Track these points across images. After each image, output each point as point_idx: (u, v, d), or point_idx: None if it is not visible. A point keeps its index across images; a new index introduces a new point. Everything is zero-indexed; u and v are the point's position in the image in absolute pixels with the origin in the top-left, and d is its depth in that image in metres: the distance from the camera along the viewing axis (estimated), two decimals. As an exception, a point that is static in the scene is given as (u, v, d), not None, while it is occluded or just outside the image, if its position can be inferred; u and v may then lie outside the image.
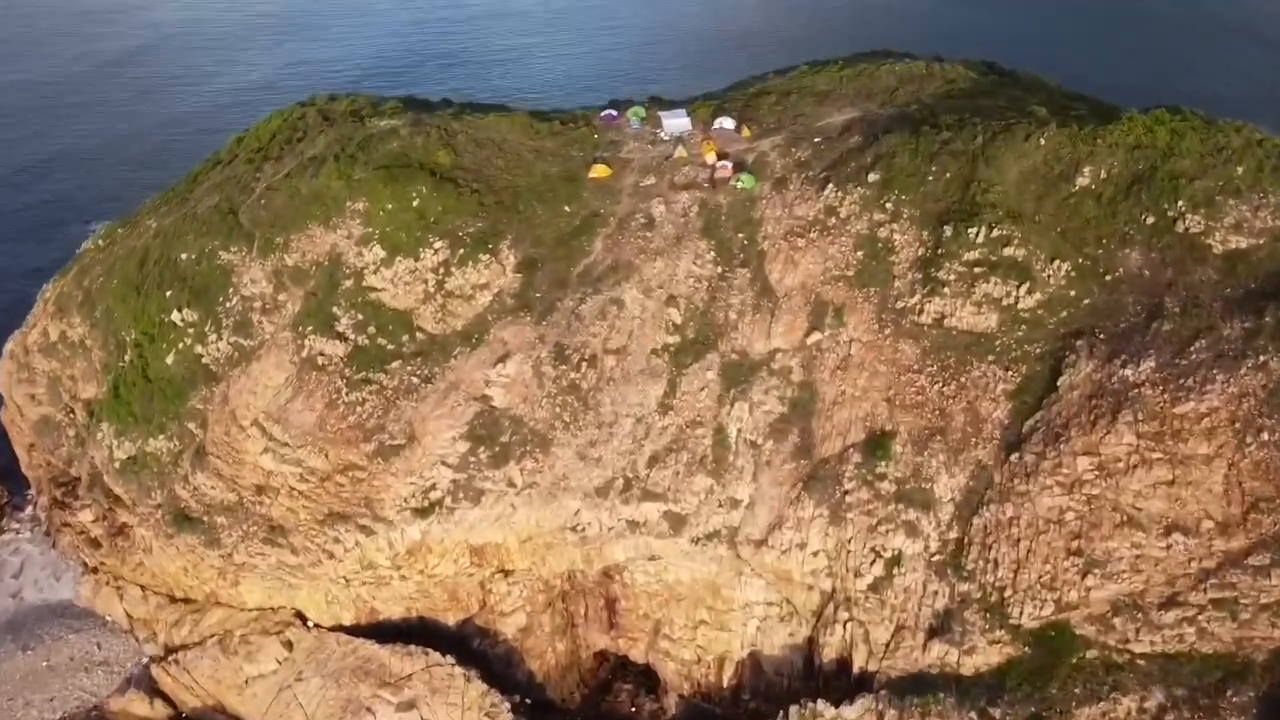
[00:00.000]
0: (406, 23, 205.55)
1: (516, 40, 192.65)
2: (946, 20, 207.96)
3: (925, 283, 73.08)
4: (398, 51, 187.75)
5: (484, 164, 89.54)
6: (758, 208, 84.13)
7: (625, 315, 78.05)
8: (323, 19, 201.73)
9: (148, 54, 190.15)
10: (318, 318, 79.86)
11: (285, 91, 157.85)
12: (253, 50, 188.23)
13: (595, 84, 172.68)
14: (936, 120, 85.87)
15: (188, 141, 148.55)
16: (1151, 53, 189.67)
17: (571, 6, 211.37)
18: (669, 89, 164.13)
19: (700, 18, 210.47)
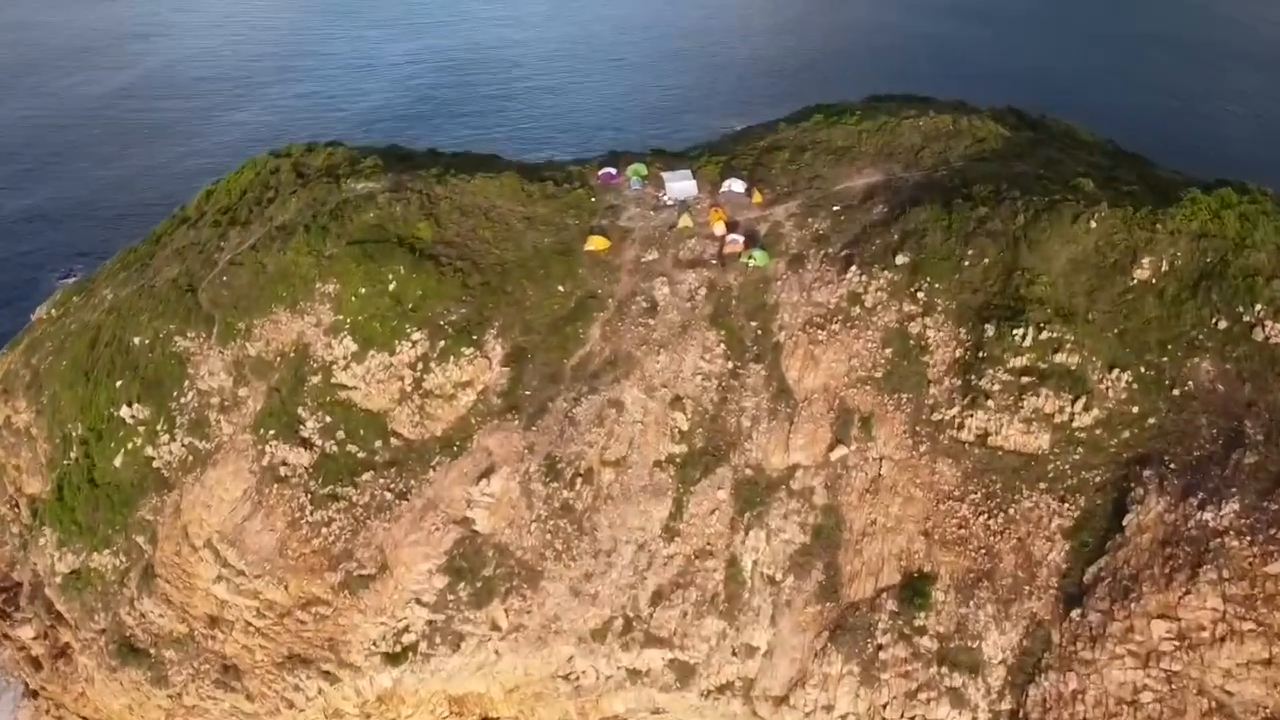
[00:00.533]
0: (404, 58, 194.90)
1: (518, 74, 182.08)
2: (945, 39, 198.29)
3: (965, 392, 63.61)
4: (395, 91, 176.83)
5: (469, 236, 79.98)
6: (772, 290, 74.62)
7: (625, 420, 68.59)
8: (319, 60, 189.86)
9: (138, 93, 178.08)
10: (281, 419, 70.41)
11: (284, 132, 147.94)
12: (249, 91, 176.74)
13: (598, 115, 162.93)
14: (969, 190, 76.32)
15: (176, 184, 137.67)
16: (1149, 73, 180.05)
17: (573, 37, 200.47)
18: (667, 125, 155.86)
19: (696, 44, 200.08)
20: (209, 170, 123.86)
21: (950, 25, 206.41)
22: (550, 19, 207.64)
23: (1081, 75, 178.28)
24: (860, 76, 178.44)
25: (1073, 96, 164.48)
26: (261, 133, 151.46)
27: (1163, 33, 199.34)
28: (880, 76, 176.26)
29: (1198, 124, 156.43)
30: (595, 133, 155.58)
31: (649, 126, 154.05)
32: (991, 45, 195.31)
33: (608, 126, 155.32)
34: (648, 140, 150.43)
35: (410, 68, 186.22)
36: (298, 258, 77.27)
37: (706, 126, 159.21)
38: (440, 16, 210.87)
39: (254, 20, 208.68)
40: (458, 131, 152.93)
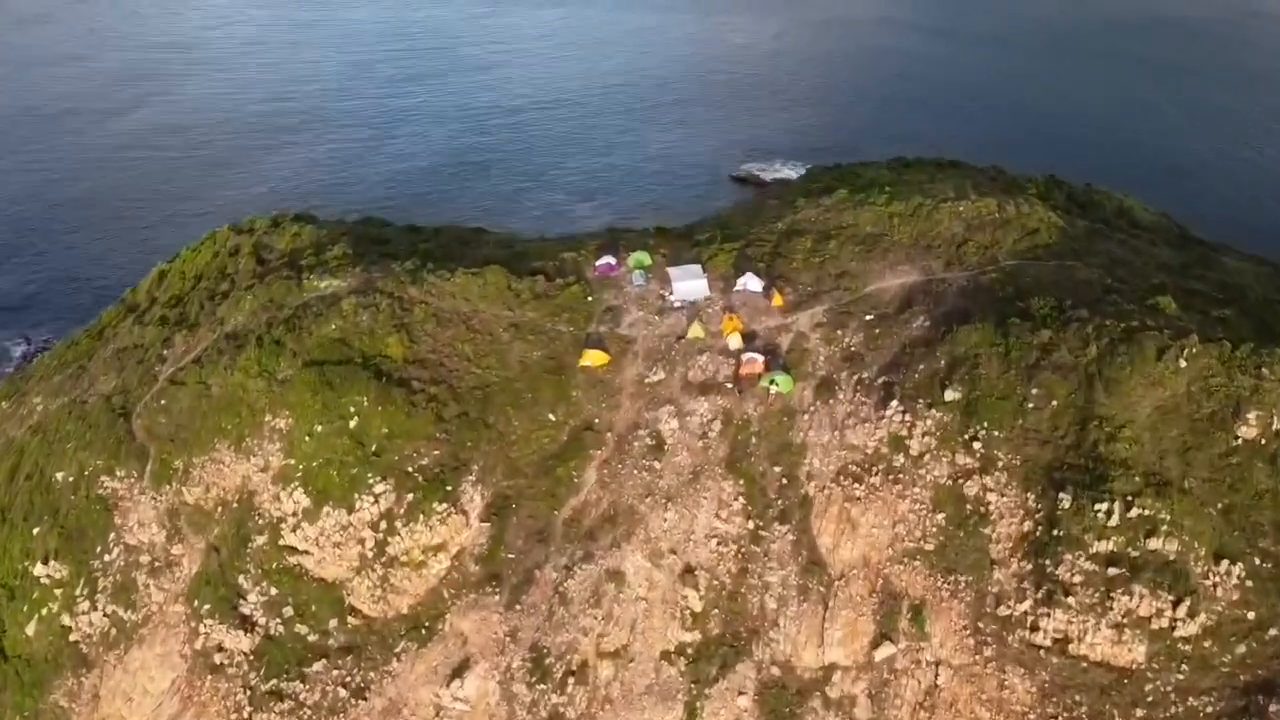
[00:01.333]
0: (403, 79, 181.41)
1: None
2: (948, 64, 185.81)
3: (1038, 581, 51.69)
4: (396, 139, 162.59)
5: (446, 351, 67.87)
6: (798, 426, 62.64)
7: (626, 596, 56.67)
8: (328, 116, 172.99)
9: (137, 142, 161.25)
10: (218, 590, 58.44)
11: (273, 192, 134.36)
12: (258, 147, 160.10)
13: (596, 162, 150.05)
14: (1027, 305, 64.36)
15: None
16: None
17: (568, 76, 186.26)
18: (671, 175, 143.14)
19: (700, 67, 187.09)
20: (191, 224, 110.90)
21: (953, 48, 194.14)
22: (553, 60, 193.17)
23: (1099, 103, 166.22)
24: (870, 106, 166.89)
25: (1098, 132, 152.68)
26: (251, 192, 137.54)
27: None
28: (891, 106, 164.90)
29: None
30: (594, 178, 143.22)
31: (648, 180, 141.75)
32: (1002, 69, 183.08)
33: (604, 181, 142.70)
34: (647, 190, 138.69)
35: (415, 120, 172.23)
36: (246, 380, 65.27)
37: (712, 170, 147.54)
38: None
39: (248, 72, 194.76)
40: (457, 191, 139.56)
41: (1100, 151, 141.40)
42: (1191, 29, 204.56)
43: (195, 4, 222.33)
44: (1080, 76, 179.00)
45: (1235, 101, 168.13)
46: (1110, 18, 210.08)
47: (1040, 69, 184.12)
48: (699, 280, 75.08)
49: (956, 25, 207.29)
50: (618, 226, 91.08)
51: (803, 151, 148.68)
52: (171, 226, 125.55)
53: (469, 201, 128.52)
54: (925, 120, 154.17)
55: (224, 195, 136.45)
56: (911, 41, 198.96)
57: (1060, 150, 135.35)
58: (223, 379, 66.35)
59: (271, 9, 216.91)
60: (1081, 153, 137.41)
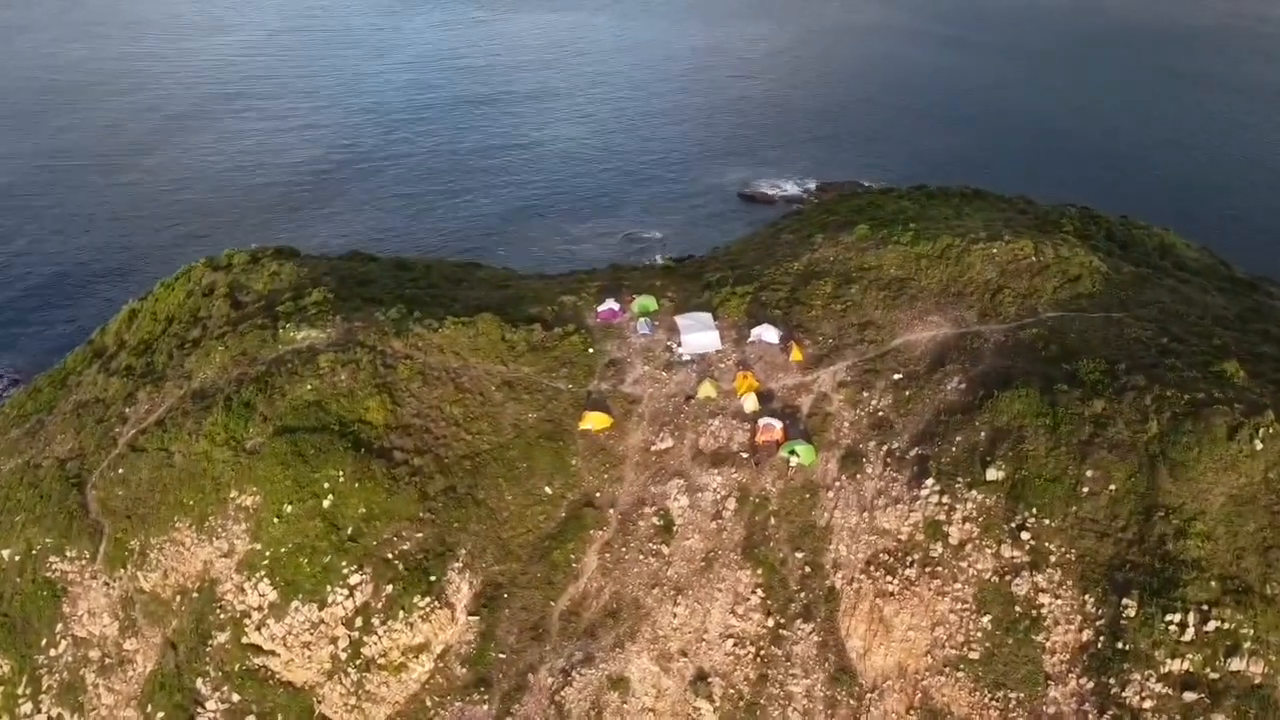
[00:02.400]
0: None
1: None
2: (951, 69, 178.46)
3: (1101, 704, 44.72)
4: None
5: (432, 415, 61.02)
6: (822, 504, 55.80)
7: (632, 708, 49.89)
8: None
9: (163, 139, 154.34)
10: (173, 696, 51.68)
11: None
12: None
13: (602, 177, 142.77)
14: (1073, 367, 57.42)
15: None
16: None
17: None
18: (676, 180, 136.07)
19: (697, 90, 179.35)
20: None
21: (962, 58, 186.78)
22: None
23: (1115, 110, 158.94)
24: (880, 118, 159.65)
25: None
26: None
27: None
28: (902, 118, 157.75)
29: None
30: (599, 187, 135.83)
31: (654, 195, 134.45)
32: (1012, 78, 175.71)
33: (611, 195, 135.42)
34: (654, 205, 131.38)
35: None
36: (211, 449, 58.47)
37: (718, 188, 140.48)
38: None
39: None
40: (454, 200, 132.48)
41: (1119, 163, 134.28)
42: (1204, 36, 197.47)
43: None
44: (1093, 82, 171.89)
45: (1250, 112, 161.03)
46: (1123, 24, 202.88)
47: (1051, 77, 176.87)
48: (710, 332, 68.06)
49: (965, 34, 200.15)
50: (621, 264, 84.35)
51: (812, 168, 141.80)
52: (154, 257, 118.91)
53: (468, 217, 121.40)
54: (936, 132, 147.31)
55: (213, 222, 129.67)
56: (921, 51, 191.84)
57: (1078, 159, 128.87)
58: (186, 446, 59.55)
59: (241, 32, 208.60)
60: (1101, 161, 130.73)
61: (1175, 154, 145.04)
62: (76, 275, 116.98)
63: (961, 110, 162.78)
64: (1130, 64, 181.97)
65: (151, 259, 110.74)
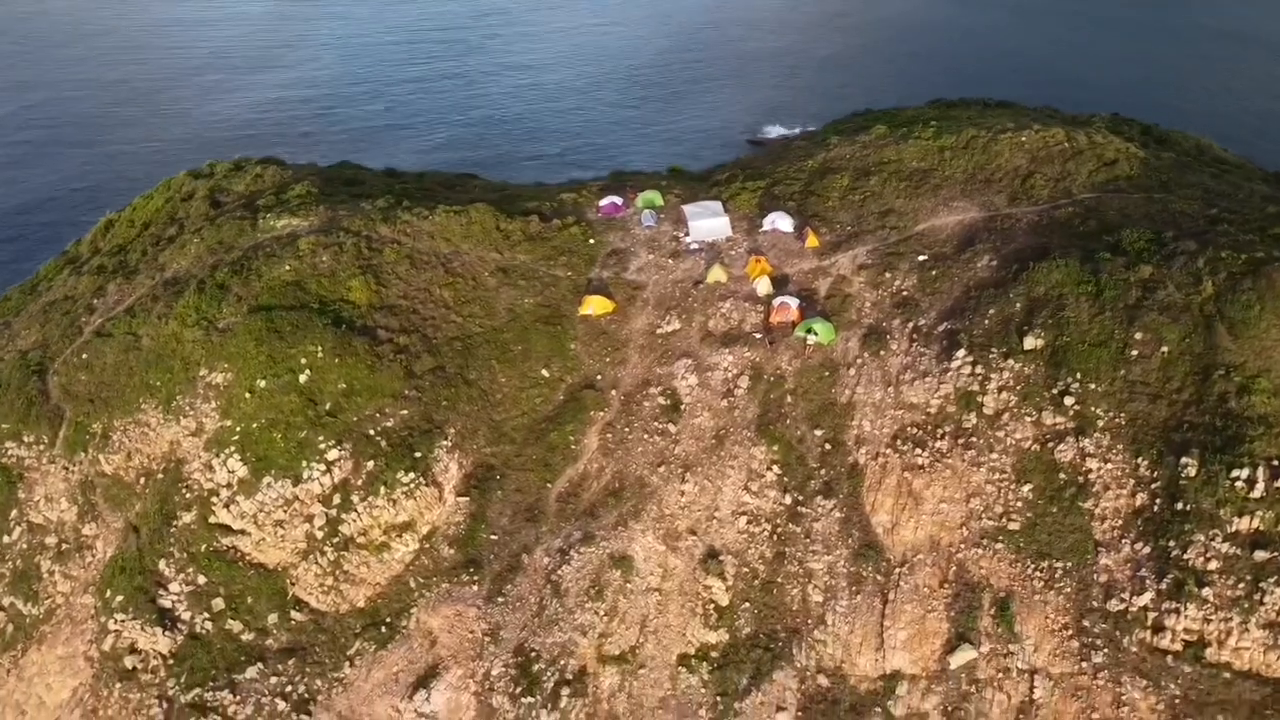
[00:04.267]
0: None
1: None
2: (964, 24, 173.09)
3: (1160, 568, 39.91)
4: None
5: (420, 297, 56.38)
6: (842, 382, 51.06)
7: (635, 587, 45.11)
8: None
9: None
10: (134, 579, 46.99)
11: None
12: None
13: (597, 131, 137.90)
14: (1116, 238, 52.65)
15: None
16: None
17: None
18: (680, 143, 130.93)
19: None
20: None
21: (989, 17, 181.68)
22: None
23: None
24: (893, 66, 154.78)
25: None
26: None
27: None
28: (914, 63, 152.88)
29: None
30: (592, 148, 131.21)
31: (658, 143, 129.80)
32: (1023, 35, 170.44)
33: (613, 143, 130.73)
34: (659, 154, 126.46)
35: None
36: (181, 329, 53.87)
37: (725, 135, 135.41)
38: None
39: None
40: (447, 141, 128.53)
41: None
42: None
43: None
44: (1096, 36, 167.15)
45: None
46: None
47: (1070, 29, 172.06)
48: (719, 218, 63.50)
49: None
50: (624, 170, 79.63)
51: (821, 112, 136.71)
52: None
53: (461, 157, 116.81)
54: (945, 73, 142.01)
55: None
56: (930, 7, 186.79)
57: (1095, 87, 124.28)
58: (155, 329, 55.01)
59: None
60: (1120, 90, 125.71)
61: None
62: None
63: (975, 54, 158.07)
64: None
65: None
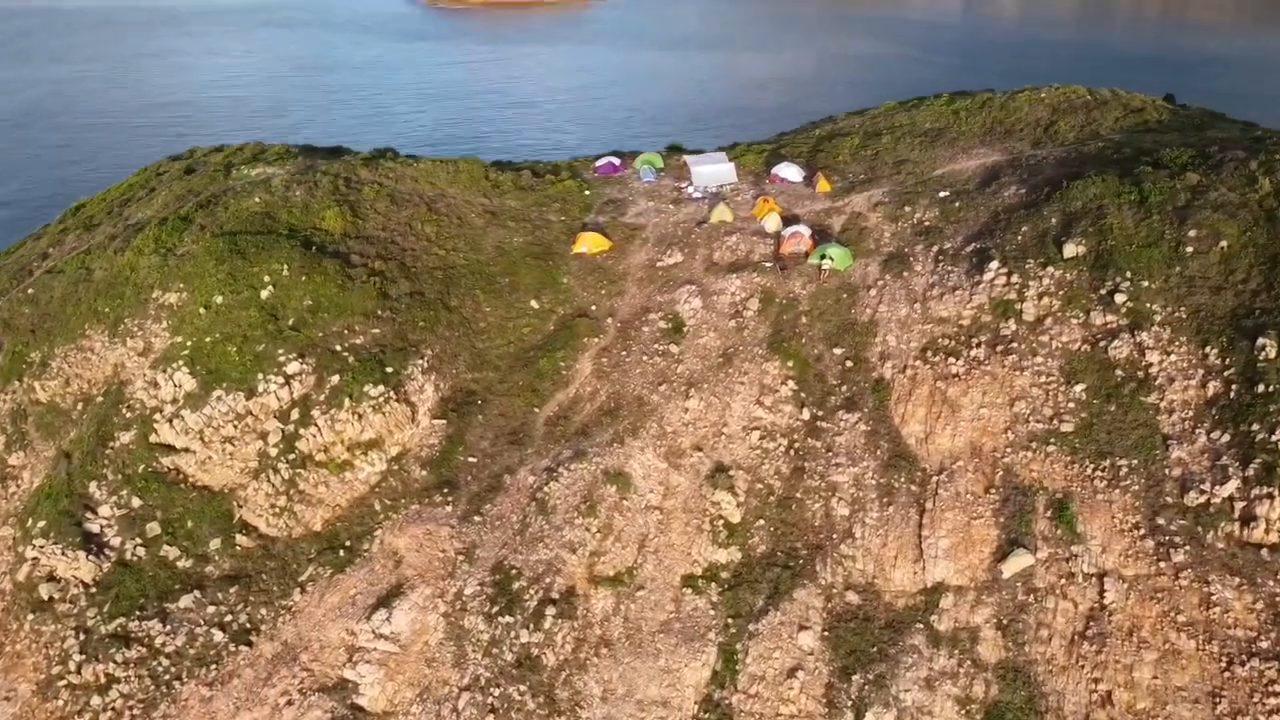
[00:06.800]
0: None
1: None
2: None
3: (1244, 454, 33.94)
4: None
5: (400, 231, 51.46)
6: (863, 302, 45.74)
7: (633, 505, 38.89)
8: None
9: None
10: (59, 502, 40.72)
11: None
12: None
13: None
14: (1155, 158, 48.01)
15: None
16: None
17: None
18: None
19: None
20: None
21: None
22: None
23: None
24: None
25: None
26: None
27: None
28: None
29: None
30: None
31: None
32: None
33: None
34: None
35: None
36: (138, 259, 48.76)
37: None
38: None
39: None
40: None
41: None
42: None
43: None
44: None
45: None
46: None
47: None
48: (724, 165, 59.24)
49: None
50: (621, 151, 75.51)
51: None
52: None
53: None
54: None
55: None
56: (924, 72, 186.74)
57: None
58: (109, 261, 49.96)
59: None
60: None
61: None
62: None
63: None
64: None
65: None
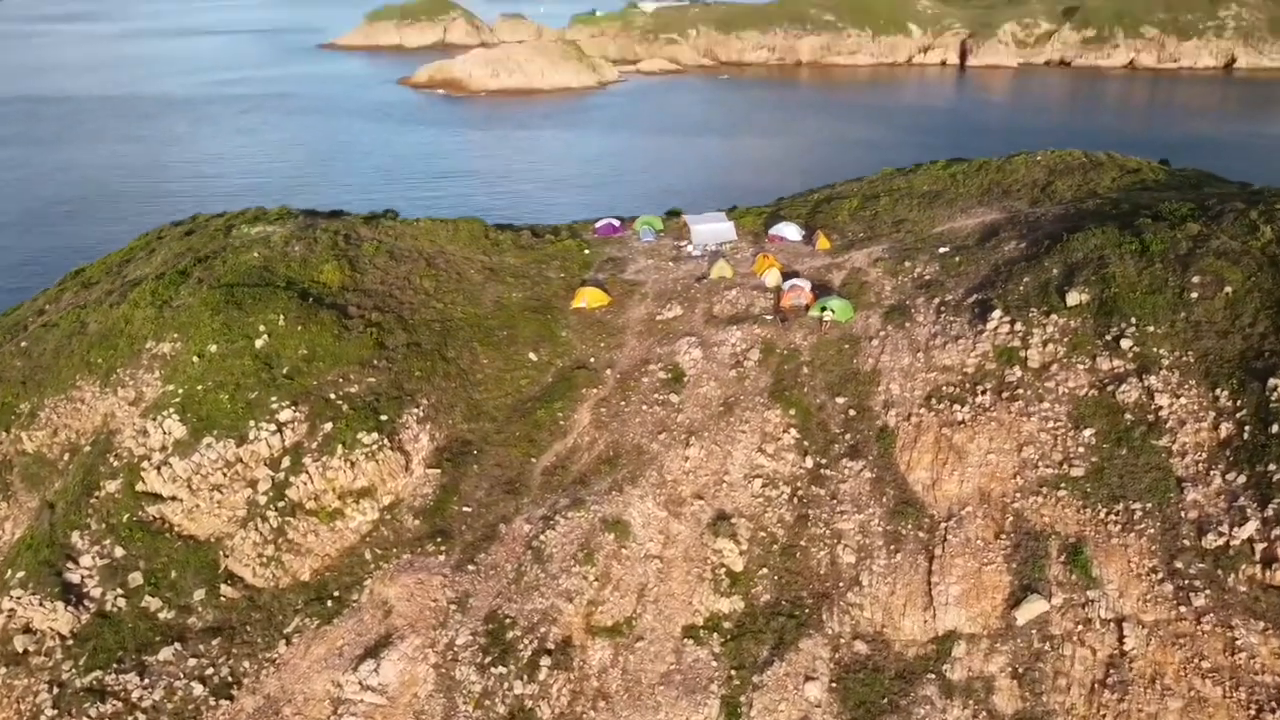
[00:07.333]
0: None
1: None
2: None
3: (1262, 497, 32.89)
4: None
5: (399, 285, 51.12)
6: (865, 352, 45.07)
7: (632, 553, 37.63)
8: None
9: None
10: (41, 553, 39.40)
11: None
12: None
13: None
14: (1155, 211, 47.93)
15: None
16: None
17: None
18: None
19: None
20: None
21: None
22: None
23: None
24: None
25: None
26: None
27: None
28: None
29: None
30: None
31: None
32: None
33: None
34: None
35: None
36: (134, 311, 48.27)
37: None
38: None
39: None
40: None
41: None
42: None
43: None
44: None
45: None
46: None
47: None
48: (724, 224, 59.28)
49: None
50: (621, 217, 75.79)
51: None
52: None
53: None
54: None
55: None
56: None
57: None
58: (104, 315, 49.49)
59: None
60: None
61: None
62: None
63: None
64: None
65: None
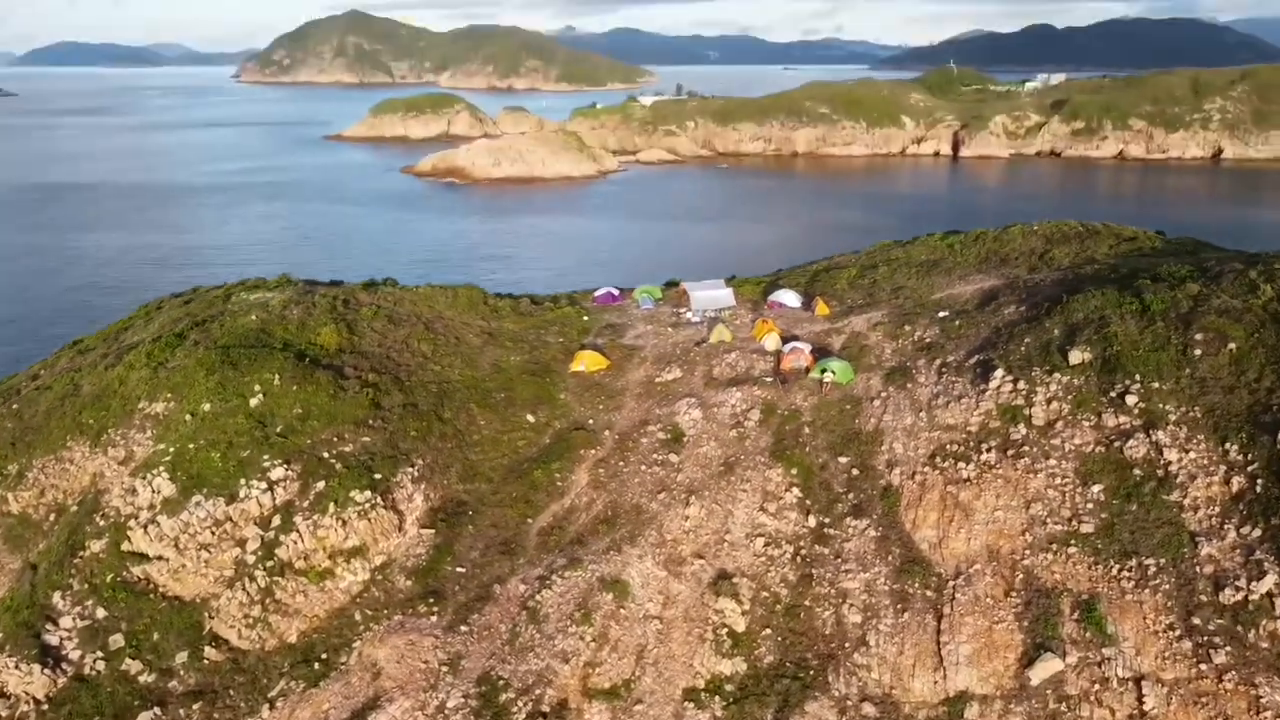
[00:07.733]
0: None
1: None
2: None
3: (1277, 547, 31.92)
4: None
5: (396, 349, 50.68)
6: (867, 413, 44.43)
7: (630, 614, 36.36)
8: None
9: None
10: (20, 614, 38.09)
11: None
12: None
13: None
14: (1153, 274, 47.87)
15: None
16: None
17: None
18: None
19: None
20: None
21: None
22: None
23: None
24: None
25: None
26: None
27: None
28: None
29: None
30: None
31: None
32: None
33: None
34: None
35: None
36: (128, 373, 47.75)
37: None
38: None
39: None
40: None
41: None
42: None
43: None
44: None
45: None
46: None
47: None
48: (723, 290, 59.25)
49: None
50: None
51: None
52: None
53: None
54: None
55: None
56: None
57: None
58: (99, 378, 48.96)
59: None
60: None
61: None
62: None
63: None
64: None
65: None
